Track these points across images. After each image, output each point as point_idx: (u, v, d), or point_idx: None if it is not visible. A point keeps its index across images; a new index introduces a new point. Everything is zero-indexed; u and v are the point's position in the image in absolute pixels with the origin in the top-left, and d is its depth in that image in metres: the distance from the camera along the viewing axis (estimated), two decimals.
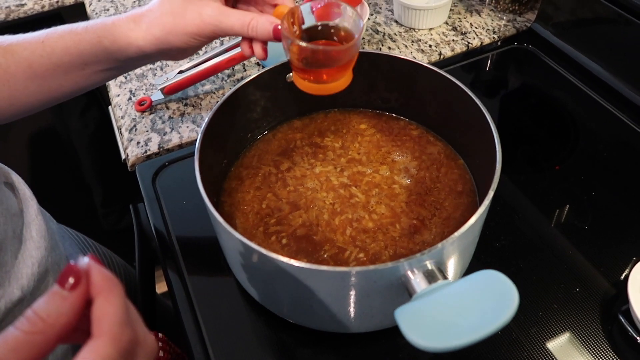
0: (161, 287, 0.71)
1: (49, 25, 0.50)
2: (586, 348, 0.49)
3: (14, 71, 0.47)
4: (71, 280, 0.27)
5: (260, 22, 0.47)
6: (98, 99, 1.20)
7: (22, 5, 1.00)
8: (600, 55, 0.78)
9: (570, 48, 0.82)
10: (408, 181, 0.58)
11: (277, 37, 0.48)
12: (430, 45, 0.86)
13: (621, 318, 0.51)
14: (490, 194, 0.44)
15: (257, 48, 0.50)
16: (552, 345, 0.50)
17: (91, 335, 0.27)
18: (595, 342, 0.50)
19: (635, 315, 0.49)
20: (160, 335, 0.58)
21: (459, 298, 0.37)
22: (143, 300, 0.65)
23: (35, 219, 0.50)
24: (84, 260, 0.28)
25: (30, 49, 0.47)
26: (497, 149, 0.48)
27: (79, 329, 0.28)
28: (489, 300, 0.36)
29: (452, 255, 0.44)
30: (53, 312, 0.26)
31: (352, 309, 0.45)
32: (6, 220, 0.47)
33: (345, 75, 0.52)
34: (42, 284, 0.49)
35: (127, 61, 0.51)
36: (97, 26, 0.48)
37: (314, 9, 0.50)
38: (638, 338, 0.49)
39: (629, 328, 0.50)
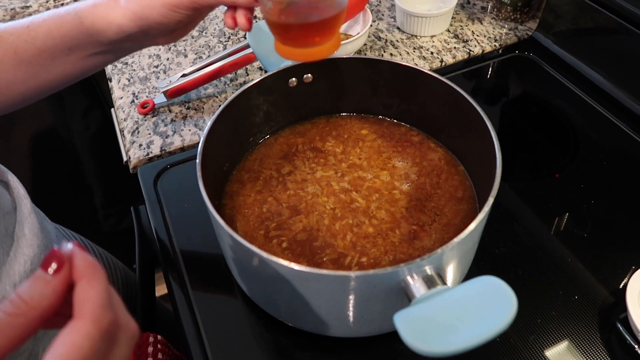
0: (161, 290, 0.71)
1: None
2: (584, 356, 0.49)
3: (1, 58, 0.47)
4: (54, 264, 0.28)
5: None
6: (100, 100, 1.20)
7: (27, 7, 1.00)
8: (601, 64, 0.78)
9: (571, 57, 0.82)
10: (408, 187, 0.58)
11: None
12: (432, 53, 0.86)
13: (619, 326, 0.51)
14: (490, 200, 0.45)
15: (241, 17, 0.47)
16: (550, 352, 0.50)
17: (73, 316, 0.27)
18: (593, 350, 0.50)
19: (633, 324, 0.49)
20: (159, 337, 0.58)
21: (458, 303, 0.37)
22: (143, 302, 0.65)
23: (28, 217, 0.51)
24: (67, 246, 0.29)
25: (16, 34, 0.47)
26: (498, 156, 0.48)
27: (60, 314, 0.28)
28: (488, 306, 0.36)
29: (452, 261, 0.44)
30: (36, 295, 0.27)
31: (351, 313, 0.46)
32: None
33: (331, 38, 0.48)
34: None
35: (110, 44, 0.49)
36: (78, 8, 0.48)
37: None
38: (636, 346, 0.49)
39: (627, 336, 0.50)
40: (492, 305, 0.36)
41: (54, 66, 0.49)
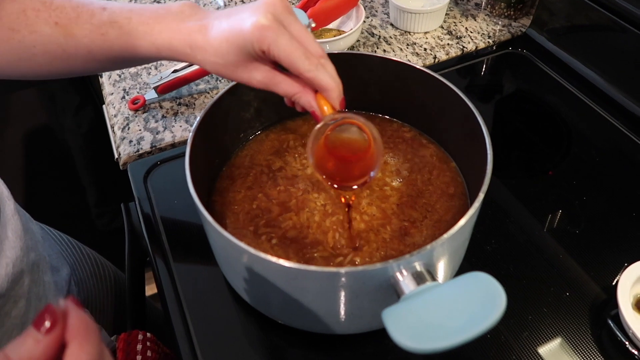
0: (151, 289, 0.70)
1: None
2: (575, 352, 0.49)
3: (74, 52, 0.49)
4: (47, 323, 0.27)
5: (303, 99, 0.48)
6: (93, 97, 1.19)
7: None
8: (594, 61, 0.78)
9: (565, 54, 0.82)
10: (400, 183, 0.57)
11: (315, 118, 0.49)
12: (425, 49, 0.86)
13: (610, 323, 0.51)
14: (481, 196, 0.44)
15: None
16: (541, 348, 0.50)
17: None
18: (585, 347, 0.50)
19: (624, 320, 0.49)
20: (149, 335, 0.57)
21: (447, 300, 0.37)
22: (132, 300, 0.65)
23: (11, 219, 0.50)
24: (63, 303, 0.28)
25: (90, 38, 0.48)
26: (489, 152, 0.48)
27: None
28: (477, 302, 0.35)
29: (442, 257, 0.44)
30: (24, 355, 0.26)
31: (341, 310, 0.45)
32: None
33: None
34: (17, 284, 0.49)
35: None
36: (156, 40, 0.48)
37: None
38: (627, 343, 0.49)
39: (618, 333, 0.50)
40: (481, 301, 0.35)
41: (123, 64, 0.53)
